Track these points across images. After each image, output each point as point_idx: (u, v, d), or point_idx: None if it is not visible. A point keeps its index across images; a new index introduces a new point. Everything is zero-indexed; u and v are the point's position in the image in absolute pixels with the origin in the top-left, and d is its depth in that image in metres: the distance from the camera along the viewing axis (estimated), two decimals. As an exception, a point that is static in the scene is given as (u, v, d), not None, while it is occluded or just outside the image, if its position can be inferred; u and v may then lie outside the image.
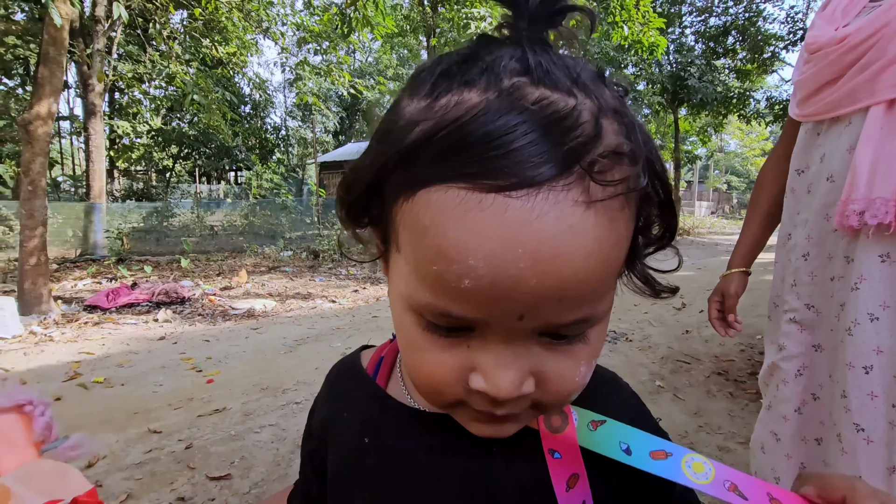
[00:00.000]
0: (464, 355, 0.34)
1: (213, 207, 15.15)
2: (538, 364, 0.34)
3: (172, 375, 3.47)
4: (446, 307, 0.31)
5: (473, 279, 0.29)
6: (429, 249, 0.30)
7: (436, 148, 0.29)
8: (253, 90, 18.32)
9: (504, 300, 0.30)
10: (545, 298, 0.30)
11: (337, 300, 6.25)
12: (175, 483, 2.15)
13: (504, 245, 0.28)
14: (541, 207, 0.28)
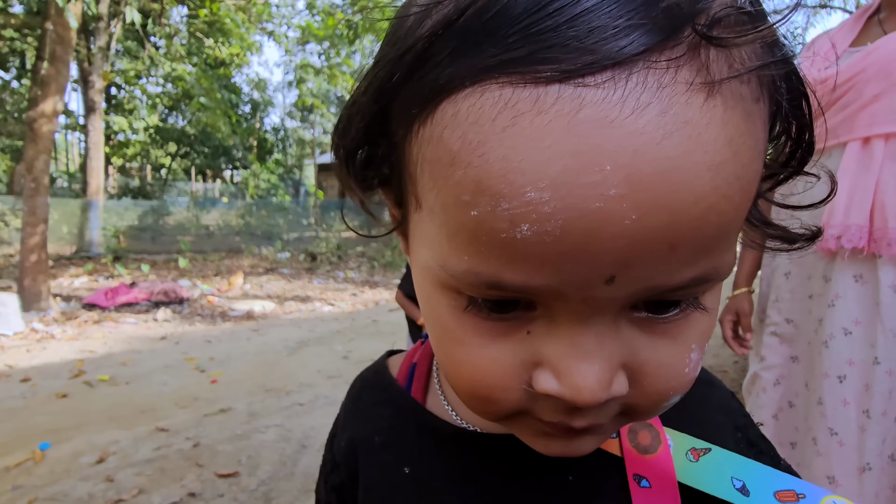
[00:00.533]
0: (523, 345, 0.24)
1: (209, 206, 15.15)
2: (632, 352, 0.24)
3: (176, 375, 3.53)
4: (494, 273, 0.22)
5: (535, 222, 0.19)
6: (462, 186, 0.21)
7: (461, 33, 0.20)
8: (253, 89, 18.37)
9: (584, 253, 0.20)
10: (650, 245, 0.20)
11: (335, 303, 6.32)
12: (185, 479, 2.21)
13: (581, 162, 0.18)
14: (636, 98, 0.18)
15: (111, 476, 2.22)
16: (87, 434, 2.62)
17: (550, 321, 0.23)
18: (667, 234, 0.20)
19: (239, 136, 15.97)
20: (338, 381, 3.44)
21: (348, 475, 0.41)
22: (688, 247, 0.20)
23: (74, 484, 2.16)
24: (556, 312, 0.23)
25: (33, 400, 3.05)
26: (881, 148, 0.95)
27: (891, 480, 0.98)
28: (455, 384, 0.28)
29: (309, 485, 2.18)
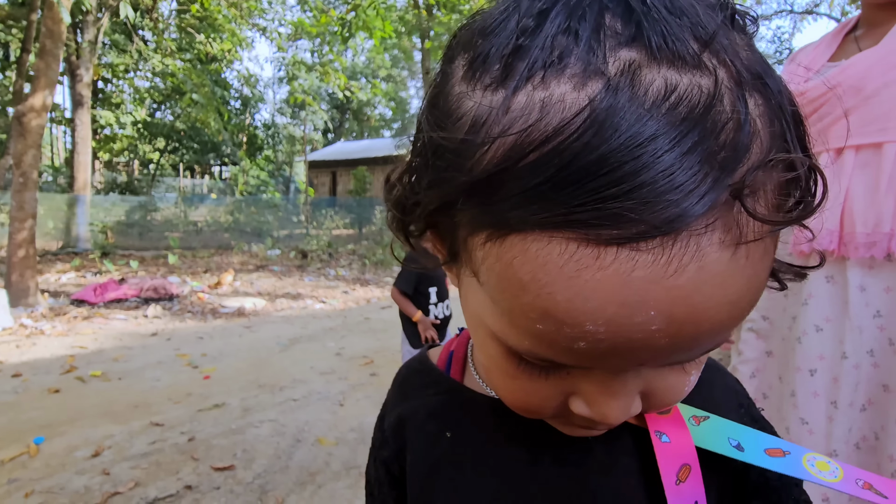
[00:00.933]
0: (563, 382, 0.30)
1: (198, 203, 15.02)
2: (646, 384, 0.30)
3: (169, 371, 3.54)
4: (551, 357, 0.27)
5: (590, 343, 0.24)
6: (531, 308, 0.24)
7: (525, 180, 0.22)
8: (243, 85, 18.23)
9: (625, 357, 0.26)
10: (675, 351, 0.25)
11: (327, 301, 6.34)
12: (181, 472, 2.24)
13: (631, 309, 0.23)
14: (678, 261, 0.22)
15: (107, 469, 2.24)
16: (81, 428, 2.63)
17: (590, 378, 0.29)
18: (689, 343, 0.25)
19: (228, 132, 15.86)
20: (331, 378, 3.48)
21: (395, 449, 0.46)
22: (701, 345, 0.27)
23: (70, 477, 2.18)
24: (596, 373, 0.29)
25: (25, 395, 3.05)
26: (851, 158, 1.02)
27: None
28: (502, 397, 0.34)
29: (304, 477, 2.23)
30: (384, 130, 30.49)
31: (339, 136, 28.99)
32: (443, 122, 0.27)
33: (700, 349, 0.27)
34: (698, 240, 0.22)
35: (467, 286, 0.31)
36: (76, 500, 2.02)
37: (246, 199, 14.87)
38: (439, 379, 0.46)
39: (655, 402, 0.31)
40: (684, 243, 0.22)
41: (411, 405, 0.46)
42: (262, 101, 22.77)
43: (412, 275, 2.34)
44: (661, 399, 0.31)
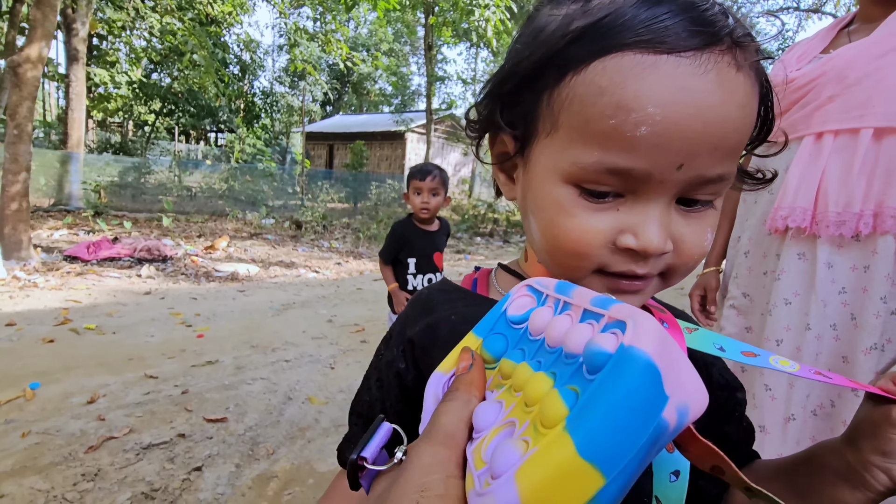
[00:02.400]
0: (614, 218, 0.38)
1: (192, 168, 14.86)
2: (675, 228, 0.38)
3: (163, 328, 3.60)
4: (614, 160, 0.35)
5: (650, 125, 0.33)
6: (606, 106, 0.35)
7: (609, 25, 0.35)
8: (243, 50, 17.85)
9: (670, 147, 0.34)
10: (705, 145, 0.34)
11: (320, 271, 6.39)
12: (174, 422, 2.32)
13: (678, 93, 0.33)
14: (706, 66, 0.33)
15: (102, 415, 2.31)
16: (76, 377, 2.69)
17: (633, 204, 0.38)
18: (714, 140, 0.35)
19: (226, 97, 15.61)
20: (322, 342, 3.55)
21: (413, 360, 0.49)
22: (721, 150, 0.35)
23: (66, 421, 2.25)
24: (638, 199, 0.37)
25: (20, 343, 3.10)
26: (830, 142, 1.08)
27: (811, 432, 1.15)
28: (560, 245, 0.40)
29: (294, 432, 2.31)
30: (383, 106, 30.07)
31: (338, 110, 28.58)
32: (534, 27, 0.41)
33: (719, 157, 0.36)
34: (716, 57, 0.34)
35: (537, 156, 0.41)
36: (72, 441, 2.09)
37: (241, 167, 14.71)
38: (468, 295, 0.52)
39: (683, 250, 0.39)
40: (709, 57, 0.34)
41: (441, 315, 0.50)
42: (261, 68, 22.34)
43: (394, 244, 2.40)
44: (687, 248, 0.39)
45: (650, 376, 0.22)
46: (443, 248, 2.48)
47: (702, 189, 0.38)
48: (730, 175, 0.38)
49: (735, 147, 0.36)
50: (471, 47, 20.56)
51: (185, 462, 2.00)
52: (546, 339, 0.30)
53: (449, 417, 0.30)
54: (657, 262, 0.39)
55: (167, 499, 1.78)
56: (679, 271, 0.41)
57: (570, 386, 0.25)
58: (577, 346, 0.27)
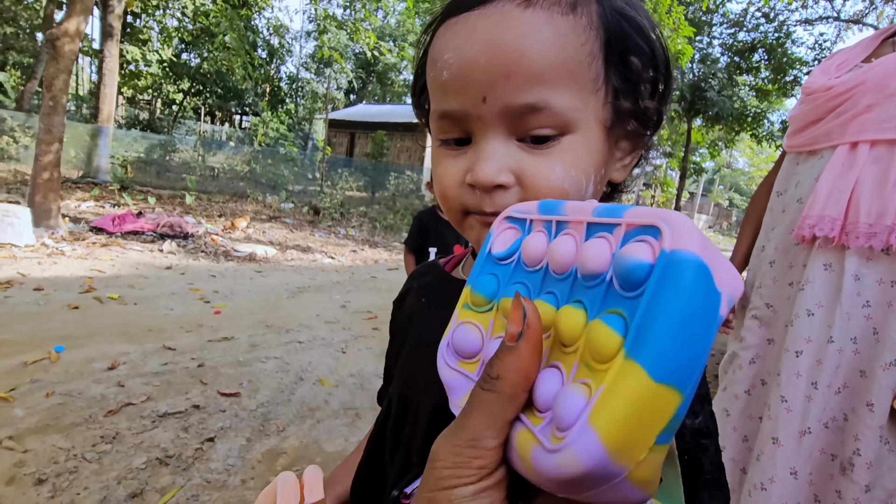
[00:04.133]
0: (463, 161, 0.44)
1: (216, 149, 15.09)
2: (517, 162, 0.41)
3: (182, 302, 3.69)
4: (439, 105, 0.43)
5: (448, 68, 0.40)
6: (428, 66, 0.44)
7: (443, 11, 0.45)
8: (272, 35, 17.99)
9: (468, 82, 0.40)
10: (495, 76, 0.38)
11: (336, 257, 6.46)
12: (190, 393, 2.39)
13: (465, 39, 0.40)
14: (491, 11, 0.39)
15: (122, 382, 2.39)
16: (98, 344, 2.78)
17: (475, 147, 0.42)
18: (502, 69, 0.38)
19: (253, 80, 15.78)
20: (335, 326, 3.60)
21: (396, 311, 0.62)
22: (516, 78, 0.38)
23: (88, 384, 2.33)
24: (476, 139, 0.42)
25: (46, 307, 3.21)
26: (865, 152, 1.06)
27: (821, 444, 1.13)
28: (436, 193, 0.47)
29: (304, 412, 2.36)
30: (407, 97, 30.03)
31: (362, 98, 28.67)
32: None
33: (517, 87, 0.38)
34: (503, 4, 0.39)
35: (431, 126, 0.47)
36: (93, 404, 2.17)
37: (264, 150, 14.89)
38: (436, 270, 0.62)
39: (526, 183, 0.41)
40: (496, 5, 0.39)
41: (411, 284, 0.62)
42: (289, 53, 22.49)
43: (418, 232, 2.43)
44: (530, 180, 0.41)
45: (704, 277, 0.21)
46: (463, 240, 2.49)
47: (528, 121, 0.40)
48: (547, 104, 0.39)
49: (534, 75, 0.38)
50: (498, 42, 20.36)
51: (198, 432, 2.06)
52: (551, 266, 0.28)
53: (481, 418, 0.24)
54: (504, 198, 0.41)
55: (180, 466, 1.83)
56: None
57: (611, 310, 0.23)
58: (599, 265, 0.24)
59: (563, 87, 0.39)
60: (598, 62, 0.41)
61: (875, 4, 11.60)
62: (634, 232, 0.24)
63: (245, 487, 1.77)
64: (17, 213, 4.58)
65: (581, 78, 0.40)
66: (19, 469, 1.70)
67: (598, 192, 0.46)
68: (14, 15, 15.16)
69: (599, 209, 0.27)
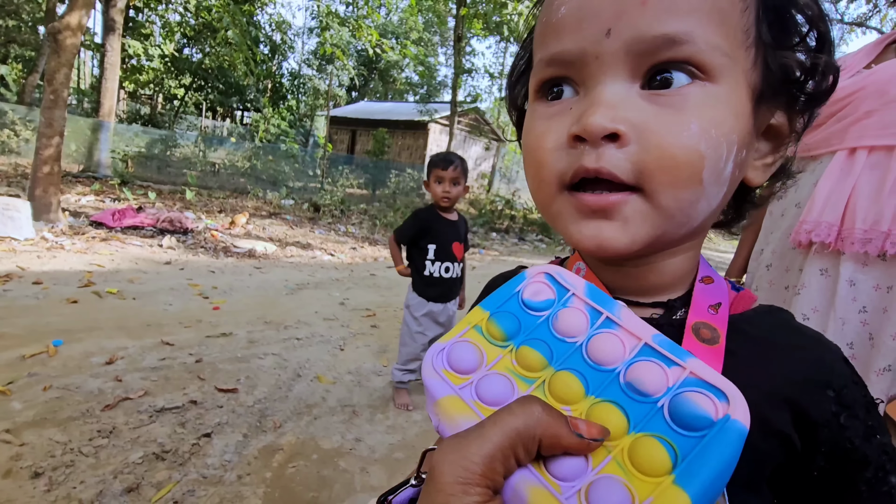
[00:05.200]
0: (566, 117, 0.35)
1: (217, 144, 15.07)
2: (639, 113, 0.32)
3: (181, 298, 3.69)
4: (551, 50, 0.36)
5: (566, 3, 0.34)
6: (541, 16, 0.38)
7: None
8: (274, 30, 17.96)
9: (588, 13, 0.33)
10: (627, 2, 0.32)
11: (336, 254, 6.46)
12: (187, 389, 2.39)
13: None
14: None
15: (119, 377, 2.39)
16: (97, 338, 2.78)
17: (584, 96, 0.35)
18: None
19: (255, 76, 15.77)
20: (333, 324, 3.61)
21: None
22: (654, 3, 0.31)
23: (85, 378, 2.33)
24: (588, 86, 0.34)
25: (45, 301, 3.21)
26: (863, 158, 1.06)
27: None
28: (526, 164, 0.39)
29: (301, 408, 2.36)
30: (408, 95, 30.05)
31: (363, 96, 28.65)
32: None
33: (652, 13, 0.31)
34: None
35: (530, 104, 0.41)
36: (90, 399, 2.17)
37: (265, 146, 14.87)
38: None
39: (649, 140, 0.32)
40: None
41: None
42: (291, 50, 22.47)
43: (412, 228, 2.43)
44: (654, 138, 0.32)
45: (743, 439, 0.26)
46: (463, 239, 2.49)
47: (660, 55, 0.32)
48: (690, 36, 0.31)
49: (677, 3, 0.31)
50: (500, 41, 20.36)
51: (195, 427, 2.07)
52: (589, 352, 0.30)
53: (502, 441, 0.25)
54: (615, 157, 0.32)
55: (177, 461, 1.84)
56: (655, 175, 0.32)
57: (660, 435, 0.27)
58: (654, 388, 0.28)
59: (711, 23, 0.32)
60: (750, 13, 0.34)
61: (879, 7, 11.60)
62: (695, 382, 0.28)
63: (241, 483, 1.77)
64: (18, 206, 4.59)
65: (731, 21, 0.33)
66: (16, 462, 1.70)
67: (734, 181, 0.36)
68: (16, 8, 15.15)
69: (659, 338, 0.30)
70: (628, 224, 0.34)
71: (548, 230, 12.60)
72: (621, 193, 0.33)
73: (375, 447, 2.11)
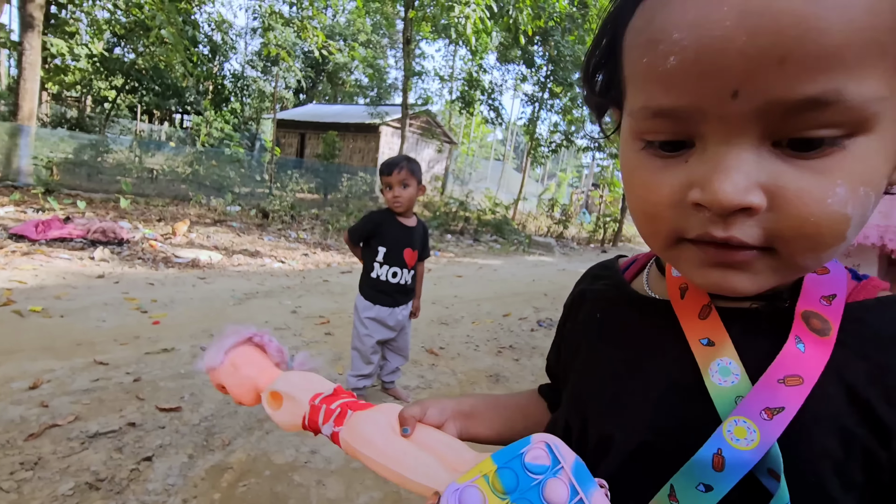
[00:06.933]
0: (681, 171, 0.31)
1: (154, 149, 14.26)
2: (772, 176, 0.29)
3: (116, 313, 3.45)
4: (657, 101, 0.30)
5: (678, 52, 0.28)
6: (641, 46, 0.31)
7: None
8: (214, 30, 17.20)
9: (712, 70, 0.27)
10: (760, 60, 0.26)
11: (286, 261, 6.26)
12: (124, 410, 2.23)
13: (707, 8, 0.27)
14: None
15: (45, 402, 2.19)
16: (18, 361, 2.54)
17: (703, 152, 0.30)
18: (774, 50, 0.25)
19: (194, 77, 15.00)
20: (285, 333, 3.49)
21: (566, 317, 0.56)
22: (795, 60, 0.25)
23: (5, 406, 2.12)
24: (708, 143, 0.30)
25: (-44, 324, 2.90)
26: None
27: None
28: (633, 210, 0.36)
29: (252, 423, 2.26)
30: (359, 97, 29.67)
31: (312, 98, 28.00)
32: None
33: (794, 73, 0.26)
34: None
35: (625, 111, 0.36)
36: (11, 428, 1.98)
37: (207, 151, 14.21)
38: (613, 275, 0.53)
39: (785, 208, 0.29)
40: None
41: (583, 287, 0.55)
42: (233, 50, 21.62)
43: (364, 227, 2.41)
44: (792, 205, 0.29)
45: None
46: (417, 246, 2.46)
47: (801, 121, 0.27)
48: (839, 95, 0.26)
49: (826, 55, 0.25)
50: (449, 44, 20.52)
51: (134, 452, 1.93)
52: None
53: None
54: (746, 225, 0.30)
55: (113, 489, 1.71)
56: (791, 241, 0.30)
57: None
58: None
59: (868, 68, 0.26)
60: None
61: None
62: None
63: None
64: (-80, 219, 4.12)
65: (891, 52, 0.27)
66: (-80, 506, 1.52)
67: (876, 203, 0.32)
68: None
69: None
70: (758, 275, 0.32)
71: (501, 231, 12.79)
72: (752, 251, 0.31)
73: (332, 458, 2.05)
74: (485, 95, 14.89)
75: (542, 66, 15.25)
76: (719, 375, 0.36)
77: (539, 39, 14.22)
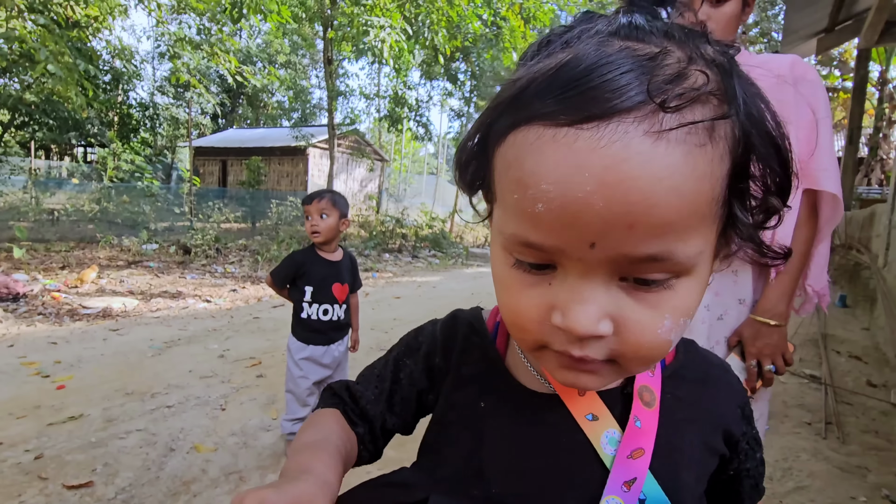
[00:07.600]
0: (546, 293, 0.36)
1: (54, 188, 12.99)
2: (618, 308, 0.35)
3: (11, 382, 3.08)
4: (525, 235, 0.34)
5: (545, 202, 0.32)
6: (511, 182, 0.35)
7: (523, 96, 0.34)
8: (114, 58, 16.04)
9: (574, 224, 0.32)
10: (614, 224, 0.31)
11: (212, 300, 5.91)
12: (24, 495, 1.99)
13: (572, 170, 0.31)
14: (609, 137, 0.30)
15: (-78, 500, 1.91)
16: None
17: (564, 278, 0.35)
18: (625, 218, 0.31)
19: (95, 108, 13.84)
20: (211, 381, 3.28)
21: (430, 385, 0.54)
22: (641, 228, 0.31)
23: None
24: (568, 272, 0.35)
25: None
26: None
27: None
28: (504, 313, 0.41)
29: (177, 487, 2.10)
30: (282, 119, 28.87)
31: (231, 123, 26.87)
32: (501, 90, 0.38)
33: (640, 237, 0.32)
34: (626, 126, 0.30)
35: (493, 217, 0.41)
36: None
37: (116, 185, 13.13)
38: (488, 345, 0.53)
39: (627, 337, 0.35)
40: (615, 127, 0.30)
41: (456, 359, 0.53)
42: (138, 78, 20.28)
43: (287, 269, 2.34)
44: (633, 336, 0.35)
45: None
46: (346, 279, 2.41)
47: (642, 269, 0.34)
48: (673, 258, 0.33)
49: (663, 224, 0.31)
50: (373, 63, 20.57)
51: (35, 543, 1.72)
52: None
53: None
54: (597, 346, 0.36)
55: (10, 592, 1.51)
56: (630, 360, 0.37)
57: None
58: None
59: (692, 232, 0.33)
60: (724, 190, 0.35)
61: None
62: None
63: None
64: None
65: (710, 217, 0.34)
66: None
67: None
68: None
69: None
70: (603, 377, 0.39)
71: (440, 245, 12.89)
72: (599, 362, 0.38)
73: (267, 513, 1.94)
74: (412, 112, 15.01)
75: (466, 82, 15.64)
76: (609, 446, 0.45)
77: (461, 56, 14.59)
